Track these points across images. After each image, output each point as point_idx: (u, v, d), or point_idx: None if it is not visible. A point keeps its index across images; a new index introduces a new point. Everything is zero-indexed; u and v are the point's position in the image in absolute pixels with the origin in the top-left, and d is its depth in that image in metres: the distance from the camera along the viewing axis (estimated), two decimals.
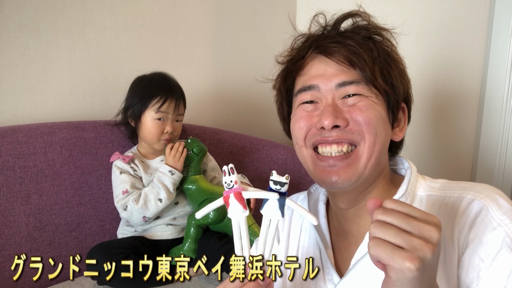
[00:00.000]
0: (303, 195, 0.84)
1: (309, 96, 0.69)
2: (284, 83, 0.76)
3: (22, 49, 1.35)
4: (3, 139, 1.23)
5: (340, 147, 0.66)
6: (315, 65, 0.70)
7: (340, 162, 0.66)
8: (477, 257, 0.58)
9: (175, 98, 1.31)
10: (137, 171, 1.33)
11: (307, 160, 0.70)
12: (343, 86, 0.66)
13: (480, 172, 1.62)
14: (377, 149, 0.66)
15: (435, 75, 1.64)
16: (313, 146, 0.69)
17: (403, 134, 0.73)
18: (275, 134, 2.01)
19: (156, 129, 1.31)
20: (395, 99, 0.69)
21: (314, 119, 0.68)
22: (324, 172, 0.67)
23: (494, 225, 0.58)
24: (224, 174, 0.56)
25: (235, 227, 0.55)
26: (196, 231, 1.30)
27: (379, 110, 0.67)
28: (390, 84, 0.68)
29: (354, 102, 0.66)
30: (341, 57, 0.67)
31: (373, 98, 0.67)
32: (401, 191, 0.67)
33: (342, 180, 0.65)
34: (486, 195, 0.62)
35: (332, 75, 0.67)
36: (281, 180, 0.54)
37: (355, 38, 0.67)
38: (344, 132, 0.66)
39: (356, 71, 0.66)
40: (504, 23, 1.48)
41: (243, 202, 0.55)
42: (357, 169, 0.66)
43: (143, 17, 1.59)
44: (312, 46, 0.70)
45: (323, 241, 0.74)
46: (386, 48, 0.70)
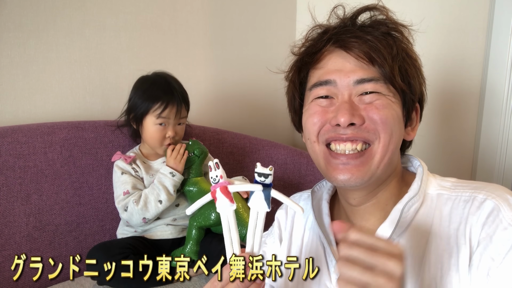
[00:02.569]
0: (306, 194, 0.84)
1: (325, 91, 0.67)
2: (298, 75, 0.73)
3: (22, 49, 1.35)
4: (3, 139, 1.23)
5: (355, 145, 0.65)
6: (332, 59, 0.68)
7: (353, 160, 0.65)
8: (487, 256, 0.58)
9: (176, 103, 1.30)
10: (139, 172, 1.33)
11: (319, 157, 0.69)
12: (361, 83, 0.65)
13: (480, 172, 1.62)
14: (391, 149, 0.66)
15: (435, 75, 1.64)
16: (326, 142, 0.68)
17: (415, 133, 0.72)
18: (275, 134, 2.01)
19: (157, 134, 1.30)
20: (411, 98, 0.68)
21: (329, 115, 0.66)
22: (336, 169, 0.66)
23: (505, 225, 0.58)
24: (210, 170, 0.56)
25: (223, 221, 0.55)
26: (197, 233, 1.30)
27: (396, 109, 0.66)
28: (407, 83, 0.67)
29: (371, 100, 0.65)
30: (361, 52, 0.65)
31: (391, 97, 0.66)
32: (413, 189, 0.67)
33: (355, 179, 0.65)
34: (498, 195, 0.61)
35: (350, 70, 0.66)
36: (265, 172, 0.54)
37: (375, 34, 0.66)
38: (360, 130, 0.64)
39: (375, 68, 0.65)
40: (504, 23, 1.48)
41: (230, 196, 0.55)
42: (370, 168, 0.65)
43: (143, 17, 1.59)
44: (332, 39, 0.67)
45: (327, 239, 0.74)
46: (404, 45, 0.68)
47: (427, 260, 0.63)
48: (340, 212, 0.78)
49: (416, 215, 0.66)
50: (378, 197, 0.70)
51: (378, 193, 0.70)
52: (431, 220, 0.65)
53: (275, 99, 1.92)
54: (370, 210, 0.71)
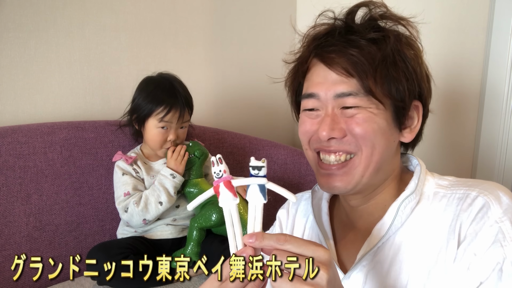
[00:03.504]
0: (307, 194, 0.85)
1: (311, 104, 0.69)
2: (292, 84, 0.76)
3: (22, 49, 1.35)
4: (3, 139, 1.23)
5: (338, 156, 0.68)
6: (316, 71, 0.69)
7: (338, 171, 0.68)
8: (470, 251, 0.59)
9: (180, 107, 1.29)
10: (139, 173, 1.33)
11: (312, 162, 0.73)
12: (341, 97, 0.66)
13: (480, 172, 1.62)
14: (375, 160, 0.66)
15: (435, 75, 1.63)
16: (316, 151, 0.71)
17: (414, 134, 0.72)
18: (275, 134, 2.01)
19: (159, 137, 1.30)
20: (399, 104, 0.67)
21: (315, 126, 0.69)
22: (323, 177, 0.70)
23: (491, 222, 0.59)
24: (212, 165, 0.56)
25: (226, 216, 0.56)
26: (198, 234, 1.29)
27: (378, 122, 0.65)
28: (394, 89, 0.65)
29: (352, 114, 0.66)
30: (339, 67, 0.65)
31: (373, 109, 0.65)
32: (410, 188, 0.68)
33: (339, 188, 0.68)
34: (490, 192, 0.62)
35: (331, 83, 0.66)
36: (258, 165, 0.55)
37: (360, 42, 0.65)
38: (341, 143, 0.66)
39: (355, 80, 0.65)
40: (504, 23, 1.48)
41: (233, 190, 0.55)
42: (353, 177, 0.67)
43: (143, 17, 1.59)
44: (312, 52, 0.69)
45: (325, 237, 0.74)
46: (397, 45, 0.66)
47: (420, 256, 0.64)
48: (340, 211, 0.79)
49: (412, 213, 0.67)
50: (377, 199, 0.72)
51: (376, 196, 0.72)
52: (426, 218, 0.66)
53: (275, 99, 1.92)
54: (369, 210, 0.72)
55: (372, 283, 0.67)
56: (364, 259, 0.67)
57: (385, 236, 0.66)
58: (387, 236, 0.67)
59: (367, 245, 0.68)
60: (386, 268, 0.66)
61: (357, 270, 0.68)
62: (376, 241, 0.67)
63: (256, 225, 0.55)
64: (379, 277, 0.66)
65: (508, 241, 0.57)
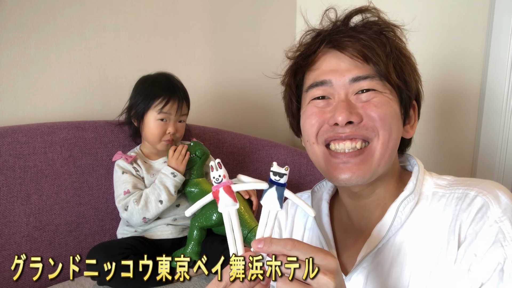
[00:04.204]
0: (306, 195, 0.84)
1: (321, 92, 0.68)
2: (293, 78, 0.74)
3: (22, 49, 1.35)
4: (3, 139, 1.23)
5: (354, 143, 0.65)
6: (327, 59, 0.68)
7: (353, 159, 0.65)
8: (471, 252, 0.59)
9: (178, 99, 1.31)
10: (140, 172, 1.33)
11: (319, 158, 0.69)
12: (357, 81, 0.65)
13: (480, 172, 1.62)
14: (390, 146, 0.66)
15: (435, 75, 1.64)
16: (326, 143, 0.68)
17: (414, 131, 0.72)
18: (275, 134, 2.01)
19: (158, 129, 1.31)
20: (407, 95, 0.68)
21: (326, 115, 0.67)
22: (337, 169, 0.66)
23: (491, 222, 0.59)
24: (211, 170, 0.56)
25: (226, 221, 0.55)
26: (199, 234, 1.29)
27: (393, 106, 0.66)
28: (403, 80, 0.67)
29: (368, 98, 0.65)
30: (354, 51, 0.65)
31: (388, 94, 0.66)
32: (409, 188, 0.68)
33: (356, 177, 0.65)
34: (489, 191, 0.62)
35: (345, 70, 0.66)
36: (280, 171, 0.54)
37: (368, 33, 0.66)
38: (358, 128, 0.64)
39: (369, 66, 0.65)
40: (504, 23, 1.48)
41: (233, 195, 0.55)
42: (371, 166, 0.65)
43: (143, 17, 1.59)
44: (325, 40, 0.68)
45: (325, 239, 0.74)
46: (397, 44, 0.68)
47: (421, 257, 0.64)
48: (340, 212, 0.79)
49: (412, 213, 0.67)
50: (377, 194, 0.71)
51: (377, 189, 0.70)
52: (426, 218, 0.66)
53: (275, 99, 1.91)
54: (370, 208, 0.72)
55: (373, 285, 0.66)
56: (365, 260, 0.67)
57: (385, 237, 0.66)
58: (387, 237, 0.66)
59: (367, 247, 0.68)
60: (387, 270, 0.66)
61: (357, 272, 0.68)
62: (376, 243, 0.67)
63: (267, 230, 0.55)
64: (380, 278, 0.66)
65: (509, 241, 0.57)
